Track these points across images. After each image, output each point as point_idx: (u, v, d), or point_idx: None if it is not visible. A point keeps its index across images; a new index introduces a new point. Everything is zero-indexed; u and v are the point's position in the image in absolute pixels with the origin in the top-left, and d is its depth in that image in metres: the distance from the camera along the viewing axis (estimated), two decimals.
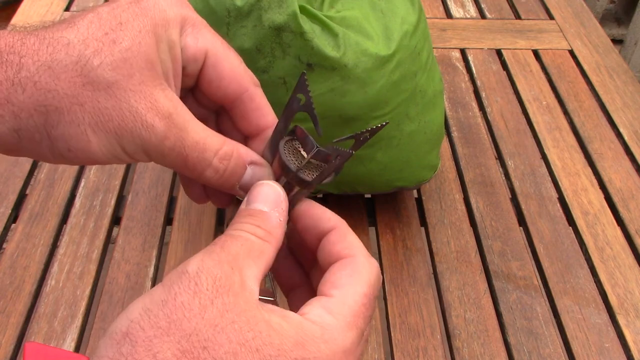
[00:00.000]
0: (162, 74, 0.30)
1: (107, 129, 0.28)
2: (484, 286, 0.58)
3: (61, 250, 0.59)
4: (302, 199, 0.32)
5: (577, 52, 0.87)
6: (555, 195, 0.67)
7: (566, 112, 0.77)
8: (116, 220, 0.63)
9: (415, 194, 0.67)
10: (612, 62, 0.85)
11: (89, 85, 0.28)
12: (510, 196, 0.67)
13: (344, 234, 0.31)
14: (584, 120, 0.76)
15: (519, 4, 0.96)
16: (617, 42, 1.92)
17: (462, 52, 0.86)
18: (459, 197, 0.66)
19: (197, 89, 0.34)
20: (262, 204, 0.30)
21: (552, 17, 0.93)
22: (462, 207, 0.65)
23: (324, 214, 0.32)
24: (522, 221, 0.64)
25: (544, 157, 0.71)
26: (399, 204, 0.65)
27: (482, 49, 0.87)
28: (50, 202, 0.63)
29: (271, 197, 0.31)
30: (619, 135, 0.74)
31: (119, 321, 0.25)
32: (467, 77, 0.82)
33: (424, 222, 0.64)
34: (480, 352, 0.53)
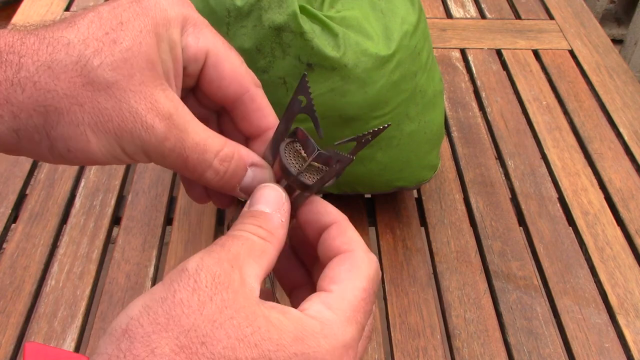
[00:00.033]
0: (162, 74, 0.30)
1: (106, 130, 0.28)
2: (484, 286, 0.58)
3: (61, 250, 0.59)
4: (304, 201, 0.32)
5: (577, 52, 0.87)
6: (555, 195, 0.67)
7: (566, 112, 0.77)
8: (116, 220, 0.63)
9: (415, 194, 0.67)
10: (612, 62, 0.85)
11: (88, 85, 0.27)
12: (510, 196, 0.67)
13: (344, 228, 0.31)
14: (584, 120, 0.76)
15: (519, 4, 0.96)
16: (617, 42, 1.92)
17: (462, 52, 0.86)
18: (459, 197, 0.66)
19: (198, 89, 0.34)
20: (264, 205, 0.30)
21: (552, 17, 0.93)
22: (462, 207, 0.65)
23: (325, 208, 0.32)
24: (522, 221, 0.64)
25: (544, 157, 0.71)
26: (399, 204, 0.65)
27: (482, 49, 0.87)
28: (50, 202, 0.63)
29: (273, 198, 0.31)
30: (619, 135, 0.74)
31: (119, 319, 0.25)
32: (467, 77, 0.82)
33: (424, 222, 0.64)
34: (480, 352, 0.53)
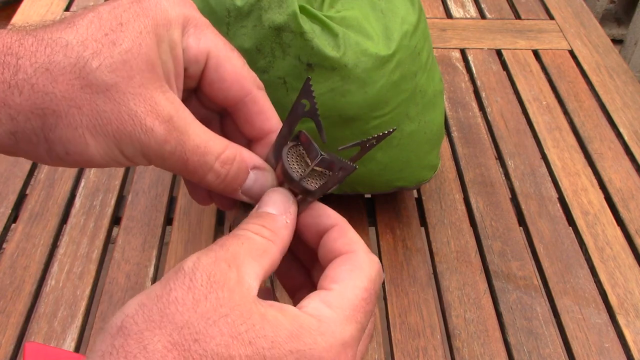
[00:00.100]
0: (163, 76, 0.29)
1: (105, 133, 0.28)
2: (484, 286, 0.58)
3: (61, 250, 0.59)
4: (306, 206, 0.31)
5: (577, 52, 0.87)
6: (555, 195, 0.67)
7: (566, 112, 0.77)
8: (116, 220, 0.63)
9: (415, 194, 0.67)
10: (612, 62, 0.85)
11: (87, 87, 0.27)
12: (510, 196, 0.67)
13: (345, 230, 0.31)
14: (584, 120, 0.76)
15: (519, 4, 0.96)
16: (617, 42, 1.92)
17: (462, 52, 0.86)
18: (459, 197, 0.66)
19: (199, 90, 0.33)
20: (271, 207, 0.30)
21: (552, 17, 0.93)
22: (462, 207, 0.65)
23: (325, 211, 0.31)
24: (522, 221, 0.64)
25: (544, 157, 0.71)
26: (399, 204, 0.65)
27: (482, 49, 0.86)
28: (50, 202, 0.63)
29: (280, 201, 0.31)
30: (619, 135, 0.74)
31: (115, 317, 0.25)
32: (467, 77, 0.82)
33: (424, 222, 0.64)
34: (480, 352, 0.53)
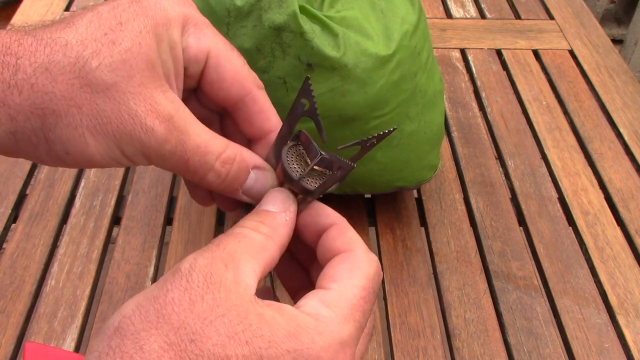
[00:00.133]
0: (162, 75, 0.29)
1: (105, 132, 0.28)
2: (484, 286, 0.58)
3: (61, 250, 0.59)
4: (306, 205, 0.31)
5: (577, 52, 0.87)
6: (555, 195, 0.67)
7: (566, 112, 0.77)
8: (116, 220, 0.63)
9: (415, 194, 0.67)
10: (612, 62, 0.85)
11: (86, 87, 0.27)
12: (510, 196, 0.67)
13: (344, 229, 0.31)
14: (584, 120, 0.76)
15: (519, 4, 0.96)
16: (617, 42, 1.92)
17: (462, 52, 0.86)
18: (459, 197, 0.66)
19: (199, 90, 0.33)
20: (270, 206, 0.30)
21: (552, 17, 0.93)
22: (462, 207, 0.65)
23: (324, 210, 0.31)
24: (522, 221, 0.64)
25: (544, 157, 0.71)
26: (399, 204, 0.65)
27: (482, 49, 0.86)
28: (50, 202, 0.63)
29: (280, 199, 0.31)
30: (619, 135, 0.74)
31: (112, 317, 0.25)
32: (467, 77, 0.82)
33: (424, 222, 0.64)
34: (480, 352, 0.53)
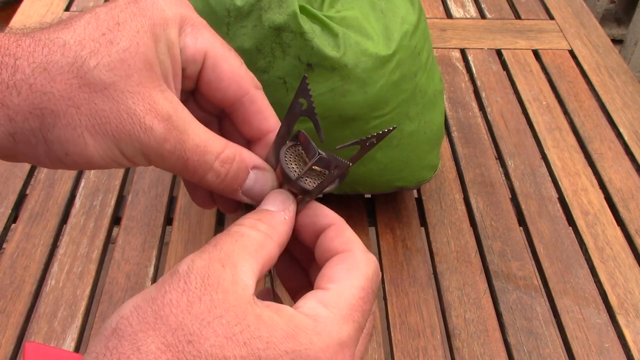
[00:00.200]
0: (161, 75, 0.29)
1: (104, 132, 0.27)
2: (484, 286, 0.58)
3: (61, 250, 0.59)
4: (304, 205, 0.31)
5: (577, 52, 0.87)
6: (555, 195, 0.67)
7: (566, 112, 0.77)
8: (116, 220, 0.63)
9: (415, 194, 0.67)
10: (612, 62, 0.85)
11: (85, 87, 0.27)
12: (510, 196, 0.67)
13: (342, 230, 0.31)
14: (584, 120, 0.76)
15: (519, 4, 0.96)
16: (617, 42, 1.92)
17: (462, 52, 0.86)
18: (459, 197, 0.66)
19: (197, 92, 0.33)
20: (269, 205, 0.30)
21: (552, 17, 0.93)
22: (462, 207, 0.65)
23: (322, 210, 0.31)
24: (522, 221, 0.64)
25: (544, 157, 0.71)
26: (399, 204, 0.65)
27: (482, 49, 0.86)
28: (50, 202, 0.63)
29: (280, 199, 0.31)
30: (619, 135, 0.74)
31: (110, 319, 0.25)
32: (467, 77, 0.82)
33: (424, 222, 0.64)
34: (480, 352, 0.53)
